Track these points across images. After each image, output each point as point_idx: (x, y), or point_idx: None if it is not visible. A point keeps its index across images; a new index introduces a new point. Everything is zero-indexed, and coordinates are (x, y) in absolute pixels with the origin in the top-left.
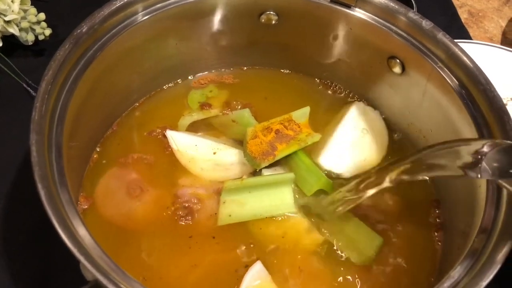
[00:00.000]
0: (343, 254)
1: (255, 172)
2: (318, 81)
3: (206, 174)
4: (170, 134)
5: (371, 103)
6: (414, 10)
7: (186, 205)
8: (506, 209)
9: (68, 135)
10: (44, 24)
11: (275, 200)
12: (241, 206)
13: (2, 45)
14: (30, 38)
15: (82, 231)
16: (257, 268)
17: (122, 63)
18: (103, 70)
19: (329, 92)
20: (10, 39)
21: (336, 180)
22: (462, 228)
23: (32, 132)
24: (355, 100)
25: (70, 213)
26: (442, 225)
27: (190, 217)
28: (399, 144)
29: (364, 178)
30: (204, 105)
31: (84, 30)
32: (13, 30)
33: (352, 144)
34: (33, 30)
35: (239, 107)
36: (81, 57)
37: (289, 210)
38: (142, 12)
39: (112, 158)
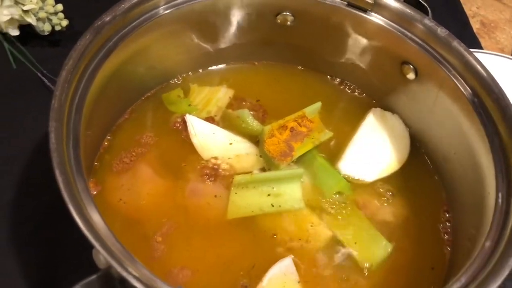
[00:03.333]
0: (351, 253)
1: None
2: (332, 79)
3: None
4: (189, 118)
5: (386, 106)
6: (429, 17)
7: (195, 200)
8: None
9: (85, 124)
10: (61, 15)
11: (284, 195)
12: (250, 201)
13: (19, 34)
14: (46, 28)
15: (96, 218)
16: (286, 263)
17: (141, 55)
18: (122, 61)
19: (344, 91)
20: (26, 28)
21: (354, 185)
22: (471, 232)
23: (51, 120)
24: (369, 101)
25: (85, 200)
26: (452, 228)
27: (195, 212)
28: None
29: None
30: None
31: (106, 21)
32: (31, 19)
33: (371, 149)
34: (50, 20)
35: (246, 103)
36: (101, 47)
37: (297, 205)
38: (164, 6)
39: (123, 145)
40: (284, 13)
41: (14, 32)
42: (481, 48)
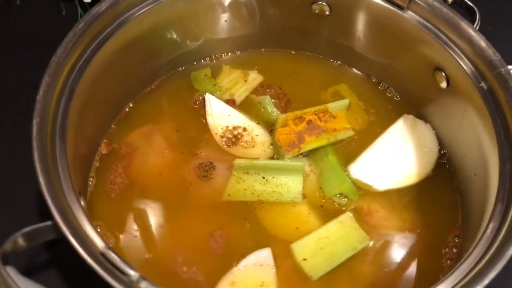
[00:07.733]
0: None
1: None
2: (369, 78)
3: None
4: (208, 97)
5: (421, 115)
6: (477, 21)
7: (199, 175)
8: None
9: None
10: None
11: (283, 186)
12: (247, 186)
13: (91, 0)
14: None
15: None
16: (265, 254)
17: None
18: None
19: (381, 91)
20: None
21: (364, 190)
22: None
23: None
24: (405, 106)
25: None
26: (457, 256)
27: (198, 186)
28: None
29: None
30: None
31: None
32: None
33: (391, 156)
34: None
35: (271, 91)
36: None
37: (294, 199)
38: None
39: (144, 114)
40: (320, 2)
41: None
42: None
